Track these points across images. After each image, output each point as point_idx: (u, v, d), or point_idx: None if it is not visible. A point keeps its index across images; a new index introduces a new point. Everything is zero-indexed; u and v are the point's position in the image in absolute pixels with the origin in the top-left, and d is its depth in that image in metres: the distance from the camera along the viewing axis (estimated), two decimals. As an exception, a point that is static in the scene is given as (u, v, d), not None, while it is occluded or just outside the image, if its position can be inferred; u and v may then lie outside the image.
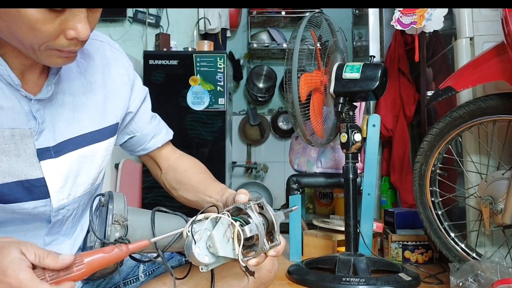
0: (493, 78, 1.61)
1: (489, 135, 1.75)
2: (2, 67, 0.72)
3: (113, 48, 0.92)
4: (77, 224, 0.88)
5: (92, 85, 0.85)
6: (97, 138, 0.85)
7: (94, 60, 0.87)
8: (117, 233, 0.68)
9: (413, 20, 2.04)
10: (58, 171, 0.79)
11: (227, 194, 0.85)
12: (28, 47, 0.67)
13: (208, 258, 0.70)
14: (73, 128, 0.81)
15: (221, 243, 0.70)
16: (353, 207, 1.92)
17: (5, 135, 0.72)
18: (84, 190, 0.84)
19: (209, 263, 0.70)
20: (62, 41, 0.67)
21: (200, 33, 3.44)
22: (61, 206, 0.80)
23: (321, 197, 3.41)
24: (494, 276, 1.47)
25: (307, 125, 1.94)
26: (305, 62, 1.94)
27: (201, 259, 0.69)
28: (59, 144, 0.79)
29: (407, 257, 2.20)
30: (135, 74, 0.95)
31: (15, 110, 0.73)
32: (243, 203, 0.74)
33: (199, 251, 0.69)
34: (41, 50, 0.67)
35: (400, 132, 2.70)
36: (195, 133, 2.87)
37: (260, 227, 0.71)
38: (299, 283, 1.86)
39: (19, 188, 0.74)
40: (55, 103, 0.79)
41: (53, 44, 0.67)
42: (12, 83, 0.73)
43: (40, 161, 0.76)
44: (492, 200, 1.62)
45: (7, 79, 0.72)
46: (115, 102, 0.89)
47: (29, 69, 0.75)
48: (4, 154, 0.72)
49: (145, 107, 0.99)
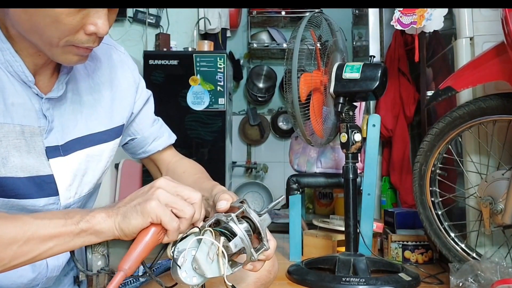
0: (493, 78, 1.61)
1: (489, 135, 1.75)
2: (17, 63, 0.73)
3: (119, 51, 0.93)
4: None
5: (99, 87, 0.87)
6: (104, 139, 0.86)
7: (101, 62, 0.88)
8: (99, 262, 0.68)
9: (413, 20, 2.04)
10: (67, 169, 0.79)
11: (216, 190, 0.84)
12: (47, 42, 0.68)
13: (196, 279, 0.67)
14: (81, 128, 0.82)
15: (206, 264, 0.66)
16: (353, 207, 1.92)
17: (16, 130, 0.73)
18: (89, 189, 0.85)
19: (198, 283, 0.68)
20: (81, 36, 0.68)
21: (200, 33, 3.44)
22: (68, 204, 0.81)
23: (321, 197, 3.41)
24: (494, 276, 1.47)
25: (307, 125, 1.94)
26: (305, 62, 1.94)
27: (189, 282, 0.67)
28: (67, 143, 0.80)
29: (407, 257, 2.20)
30: (139, 77, 0.97)
31: (26, 107, 0.74)
32: (225, 215, 0.70)
33: (185, 274, 0.67)
34: (60, 45, 0.68)
35: (400, 132, 2.70)
36: (195, 133, 2.87)
37: (245, 239, 0.67)
38: (299, 283, 1.86)
39: (31, 184, 0.75)
40: (65, 102, 0.80)
41: (72, 39, 0.68)
42: (25, 79, 0.74)
43: (49, 159, 0.77)
44: (492, 200, 1.62)
45: (20, 75, 0.74)
46: (121, 103, 0.90)
47: (41, 69, 0.76)
48: (16, 149, 0.73)
49: (147, 109, 0.99)
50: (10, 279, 0.79)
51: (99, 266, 0.67)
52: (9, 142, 0.72)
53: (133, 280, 0.94)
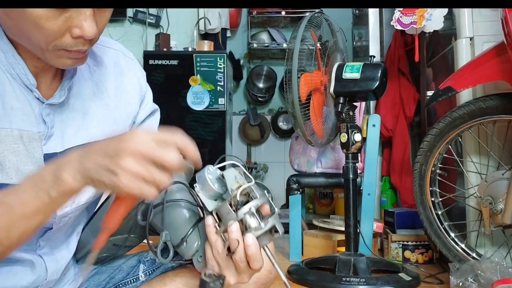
0: (493, 78, 1.61)
1: (489, 135, 1.75)
2: (19, 66, 0.71)
3: (127, 57, 0.91)
4: (74, 230, 0.88)
5: (103, 93, 0.84)
6: None
7: (107, 68, 0.86)
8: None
9: (413, 20, 2.04)
10: None
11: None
12: (36, 46, 0.67)
13: (217, 186, 0.69)
14: (81, 135, 0.80)
15: (231, 180, 0.68)
16: (353, 207, 1.92)
17: (14, 135, 0.71)
18: (87, 198, 0.83)
19: (217, 190, 0.69)
20: (67, 40, 0.66)
21: (200, 33, 3.44)
22: (65, 214, 0.79)
23: (321, 197, 3.41)
24: (494, 276, 1.47)
25: (307, 125, 1.94)
26: (305, 62, 1.94)
27: (212, 184, 0.68)
28: (67, 151, 0.77)
29: (407, 257, 2.20)
30: (147, 86, 0.94)
31: (25, 111, 0.72)
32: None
33: (211, 177, 0.68)
34: (49, 50, 0.67)
35: (400, 132, 2.70)
36: (195, 133, 2.87)
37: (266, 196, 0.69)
38: (299, 283, 1.86)
39: None
40: (66, 109, 0.78)
41: (59, 43, 0.66)
42: (27, 82, 0.72)
43: None
44: (492, 200, 1.62)
45: (22, 78, 0.72)
46: (125, 111, 0.88)
47: (42, 72, 0.74)
48: (14, 154, 0.71)
49: (151, 122, 0.96)
50: (10, 281, 0.79)
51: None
52: (6, 147, 0.70)
53: (133, 280, 0.94)
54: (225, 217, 0.66)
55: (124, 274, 0.94)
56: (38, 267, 0.81)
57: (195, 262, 0.76)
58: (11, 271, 0.79)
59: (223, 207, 0.67)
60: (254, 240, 0.66)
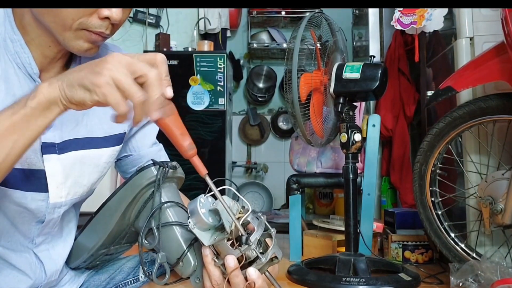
0: (493, 78, 1.61)
1: (489, 135, 1.75)
2: (25, 55, 0.74)
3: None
4: (67, 225, 0.88)
5: None
6: (103, 144, 0.86)
7: None
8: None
9: (413, 20, 2.04)
10: (59, 167, 0.79)
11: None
12: (60, 23, 0.69)
13: (211, 220, 0.68)
14: (80, 130, 0.82)
15: (226, 215, 0.67)
16: (353, 207, 1.92)
17: None
18: (82, 192, 0.85)
19: (212, 224, 0.68)
20: (94, 20, 0.70)
21: (200, 33, 3.44)
22: (58, 204, 0.81)
23: (321, 197, 3.41)
24: (494, 276, 1.47)
25: (307, 125, 1.94)
26: (305, 62, 1.94)
27: (206, 219, 0.68)
28: (65, 142, 0.80)
29: (407, 257, 2.20)
30: None
31: None
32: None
33: (204, 211, 0.68)
34: (72, 28, 0.69)
35: (400, 132, 2.70)
36: (195, 133, 2.87)
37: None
38: (299, 283, 1.86)
39: (20, 175, 0.75)
40: None
41: (85, 22, 0.69)
42: (30, 71, 0.74)
43: (44, 155, 0.77)
44: (492, 200, 1.62)
45: (26, 67, 0.74)
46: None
47: (49, 64, 0.77)
48: None
49: (150, 129, 0.97)
50: (9, 284, 0.79)
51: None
52: None
53: (134, 281, 0.94)
54: (224, 252, 0.67)
55: (125, 274, 0.94)
56: (35, 269, 0.81)
57: (193, 283, 0.76)
58: (9, 276, 0.79)
59: (221, 244, 0.67)
60: (257, 273, 0.66)
